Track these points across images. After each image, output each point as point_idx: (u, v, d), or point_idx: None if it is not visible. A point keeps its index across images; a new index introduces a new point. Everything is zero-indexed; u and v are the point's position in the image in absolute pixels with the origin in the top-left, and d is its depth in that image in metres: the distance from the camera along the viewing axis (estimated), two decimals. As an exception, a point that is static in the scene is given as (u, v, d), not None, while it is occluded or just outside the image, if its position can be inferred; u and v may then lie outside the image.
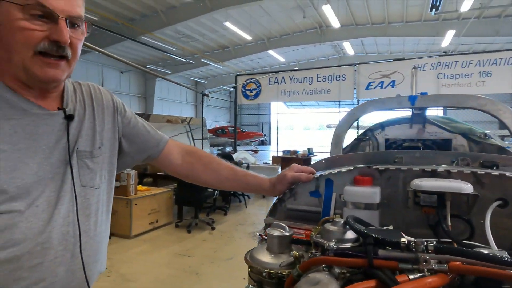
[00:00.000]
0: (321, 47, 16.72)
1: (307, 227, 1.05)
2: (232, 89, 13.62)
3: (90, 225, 0.85)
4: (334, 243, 0.65)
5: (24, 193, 0.72)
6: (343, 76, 7.78)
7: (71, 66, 0.79)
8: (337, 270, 0.62)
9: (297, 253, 0.71)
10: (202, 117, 7.77)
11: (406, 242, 0.54)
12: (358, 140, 2.57)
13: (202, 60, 16.97)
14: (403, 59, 7.83)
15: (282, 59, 18.70)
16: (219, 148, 17.21)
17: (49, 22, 0.70)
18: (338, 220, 0.73)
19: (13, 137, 0.72)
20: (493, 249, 0.65)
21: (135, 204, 4.76)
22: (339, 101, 7.68)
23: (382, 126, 2.51)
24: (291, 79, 8.33)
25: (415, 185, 0.87)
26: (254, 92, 8.63)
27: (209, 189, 5.22)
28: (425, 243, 0.52)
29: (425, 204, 0.91)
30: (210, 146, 15.31)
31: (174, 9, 12.42)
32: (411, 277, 0.51)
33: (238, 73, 9.89)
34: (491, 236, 0.69)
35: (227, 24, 12.55)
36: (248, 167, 7.26)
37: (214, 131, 18.46)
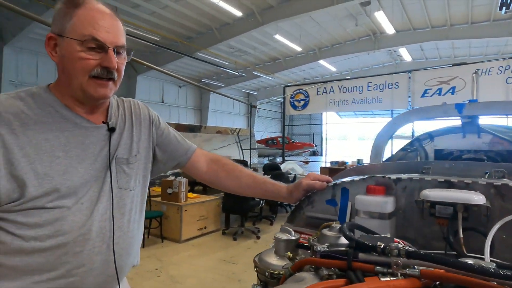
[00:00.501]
0: (375, 54, 16.12)
1: (321, 234, 1.08)
2: (282, 100, 13.79)
3: (124, 222, 0.96)
4: (326, 246, 0.68)
5: (72, 192, 0.86)
6: (396, 84, 7.39)
7: (116, 86, 0.94)
8: (325, 272, 0.65)
9: (291, 255, 0.75)
10: (250, 128, 7.97)
11: (381, 247, 0.56)
12: (404, 150, 2.47)
13: (253, 72, 17.45)
14: (464, 63, 7.19)
15: (333, 69, 18.41)
16: (269, 158, 17.37)
17: (101, 52, 0.86)
18: (335, 226, 0.76)
19: (67, 146, 0.87)
20: (486, 260, 0.63)
21: (185, 211, 5.05)
22: (392, 110, 7.28)
23: (431, 136, 2.38)
24: (340, 89, 8.15)
25: (423, 195, 0.86)
26: (302, 102, 8.61)
27: (255, 199, 5.32)
28: (399, 248, 0.54)
29: (441, 215, 0.88)
30: (259, 156, 15.53)
31: (228, 26, 13.06)
32: (382, 279, 0.53)
33: (287, 84, 9.99)
34: (488, 247, 0.66)
35: (277, 36, 12.81)
36: (295, 178, 7.24)
37: (265, 142, 18.72)
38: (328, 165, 8.55)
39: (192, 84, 10.75)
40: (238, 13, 11.18)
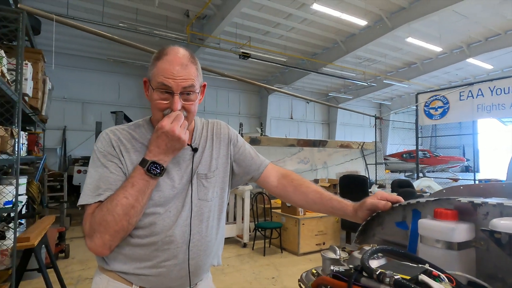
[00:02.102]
0: (555, 41, 12.43)
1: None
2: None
3: (202, 228, 1.12)
4: (343, 267, 0.66)
5: (163, 201, 1.06)
6: None
7: (188, 120, 1.07)
8: (338, 293, 0.63)
9: (314, 271, 0.75)
10: (375, 141, 7.40)
11: (377, 273, 0.52)
12: None
13: (384, 81, 16.25)
14: None
15: (489, 66, 15.16)
16: (406, 174, 15.52)
17: (170, 96, 1.02)
18: (367, 248, 0.71)
19: None
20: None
21: (303, 224, 5.13)
22: None
23: None
24: (491, 91, 6.60)
25: (492, 224, 0.69)
26: (439, 110, 7.39)
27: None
28: (391, 276, 0.49)
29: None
30: (393, 171, 14.12)
31: (353, 37, 12.74)
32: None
33: (421, 91, 8.84)
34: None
35: (410, 39, 11.61)
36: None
37: (400, 156, 16.85)
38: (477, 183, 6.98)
39: (312, 101, 10.96)
40: (362, 22, 10.78)
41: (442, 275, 0.61)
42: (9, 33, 3.02)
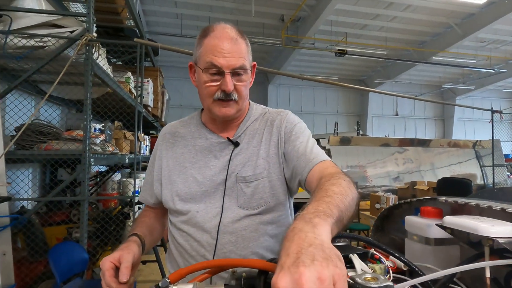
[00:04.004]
0: None
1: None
2: None
3: (238, 239, 0.93)
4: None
5: (191, 198, 0.96)
6: None
7: (239, 104, 0.96)
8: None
9: None
10: (492, 139, 6.22)
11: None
12: None
13: (519, 65, 13.35)
14: None
15: None
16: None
17: (221, 77, 0.90)
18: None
19: (194, 158, 0.99)
20: None
21: (393, 228, 4.84)
22: None
23: None
24: None
25: (444, 221, 0.72)
26: None
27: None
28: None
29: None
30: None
31: (472, 17, 10.96)
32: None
33: None
34: None
35: (553, 11, 9.29)
36: None
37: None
38: None
39: (412, 98, 9.78)
40: (481, 0, 9.20)
41: (383, 259, 0.71)
42: (134, 58, 3.89)
